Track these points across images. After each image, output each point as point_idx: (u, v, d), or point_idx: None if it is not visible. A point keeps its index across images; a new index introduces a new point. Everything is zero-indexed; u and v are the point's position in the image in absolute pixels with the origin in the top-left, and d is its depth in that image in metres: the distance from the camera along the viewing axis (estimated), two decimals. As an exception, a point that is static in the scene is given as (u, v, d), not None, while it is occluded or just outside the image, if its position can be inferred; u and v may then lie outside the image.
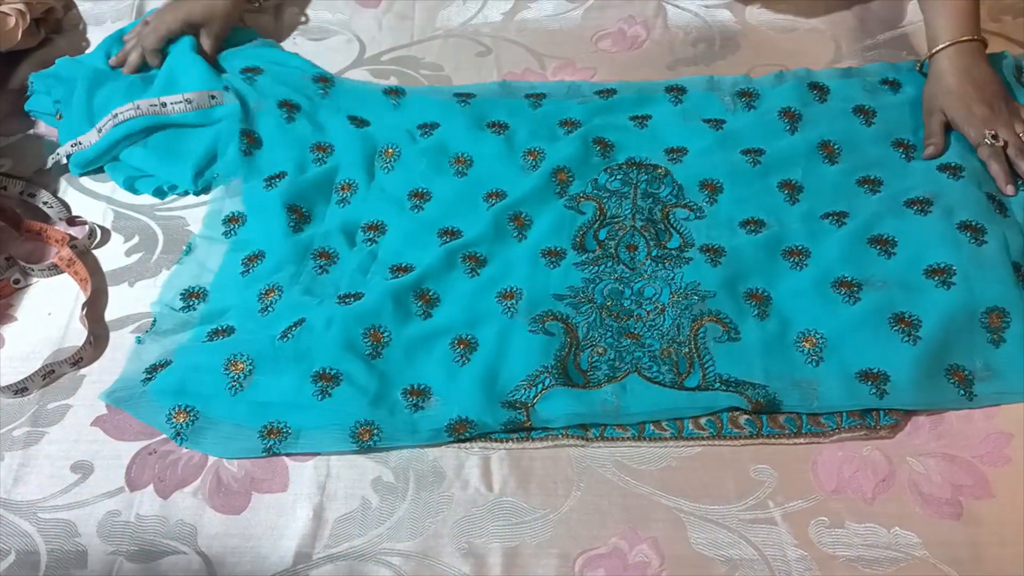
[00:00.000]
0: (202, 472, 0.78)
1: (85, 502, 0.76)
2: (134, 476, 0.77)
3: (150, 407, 0.80)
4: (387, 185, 0.99)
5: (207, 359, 0.83)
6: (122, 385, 0.83)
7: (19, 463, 0.79)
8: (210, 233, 0.96)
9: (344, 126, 1.05)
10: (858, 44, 1.12)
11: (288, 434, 0.78)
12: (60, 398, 0.83)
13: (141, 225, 0.97)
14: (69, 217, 0.97)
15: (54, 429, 0.81)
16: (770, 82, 1.06)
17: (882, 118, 1.00)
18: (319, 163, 1.01)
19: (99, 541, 0.74)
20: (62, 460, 0.79)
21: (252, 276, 0.91)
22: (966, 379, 0.78)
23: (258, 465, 0.78)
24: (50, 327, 0.89)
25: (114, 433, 0.80)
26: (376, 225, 0.95)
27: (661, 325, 0.83)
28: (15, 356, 0.87)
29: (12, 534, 0.75)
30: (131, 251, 0.95)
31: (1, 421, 0.82)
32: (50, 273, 0.93)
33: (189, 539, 0.74)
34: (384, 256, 0.92)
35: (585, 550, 0.71)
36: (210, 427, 0.79)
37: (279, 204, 0.95)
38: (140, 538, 0.74)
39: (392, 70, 1.14)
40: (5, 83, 1.14)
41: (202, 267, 0.93)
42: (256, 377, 0.81)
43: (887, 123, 1.00)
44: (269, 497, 0.76)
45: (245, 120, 1.03)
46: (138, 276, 0.93)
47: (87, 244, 0.95)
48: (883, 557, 0.69)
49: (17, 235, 0.96)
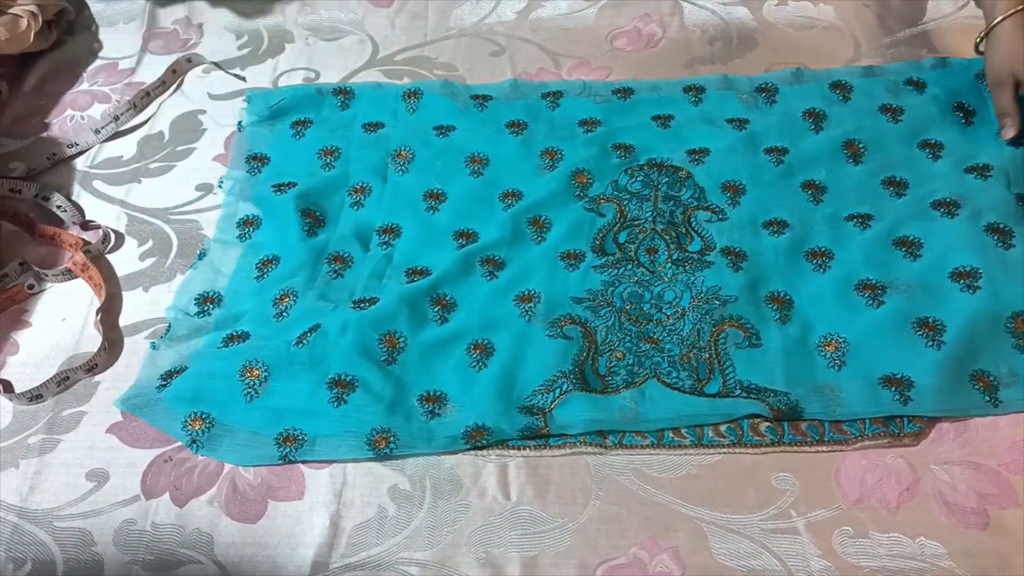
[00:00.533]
0: (218, 480, 0.77)
1: (101, 511, 0.76)
2: (150, 484, 0.77)
3: (165, 414, 0.80)
4: (401, 187, 0.98)
5: (222, 365, 0.82)
6: (137, 392, 0.82)
7: (34, 471, 0.78)
8: (224, 237, 0.95)
9: (358, 133, 1.04)
10: (878, 42, 1.11)
11: (304, 441, 0.78)
12: (75, 405, 0.83)
13: (155, 229, 0.97)
14: (83, 221, 0.97)
15: (69, 436, 0.81)
16: (788, 79, 1.05)
17: (909, 117, 0.99)
18: (328, 168, 1.00)
19: (115, 550, 0.73)
20: (77, 468, 0.78)
21: (267, 281, 0.90)
22: (991, 385, 0.76)
23: (274, 473, 0.77)
24: (64, 333, 0.89)
25: (129, 440, 0.80)
26: (391, 228, 0.94)
27: (681, 330, 0.82)
28: (29, 362, 0.86)
29: (28, 543, 0.74)
30: (145, 255, 0.95)
31: (16, 428, 0.81)
32: (64, 278, 0.92)
33: (205, 548, 0.73)
34: (399, 260, 0.91)
35: (604, 560, 0.71)
36: (226, 434, 0.79)
37: (292, 208, 0.95)
38: (156, 547, 0.73)
39: (405, 70, 1.13)
40: (18, 85, 1.13)
41: (216, 271, 0.92)
42: (271, 384, 0.81)
43: (913, 123, 0.98)
44: (285, 505, 0.75)
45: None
46: (152, 281, 0.92)
47: (101, 249, 0.94)
48: (908, 568, 0.68)
49: (31, 239, 0.96)
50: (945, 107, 0.99)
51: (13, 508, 0.76)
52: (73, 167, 1.04)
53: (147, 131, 1.07)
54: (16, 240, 0.96)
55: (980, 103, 0.99)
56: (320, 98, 1.08)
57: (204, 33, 1.21)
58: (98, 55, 1.19)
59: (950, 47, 1.09)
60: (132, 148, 1.05)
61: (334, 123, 1.06)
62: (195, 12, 1.23)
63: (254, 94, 1.09)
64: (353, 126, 1.05)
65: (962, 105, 0.99)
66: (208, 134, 1.07)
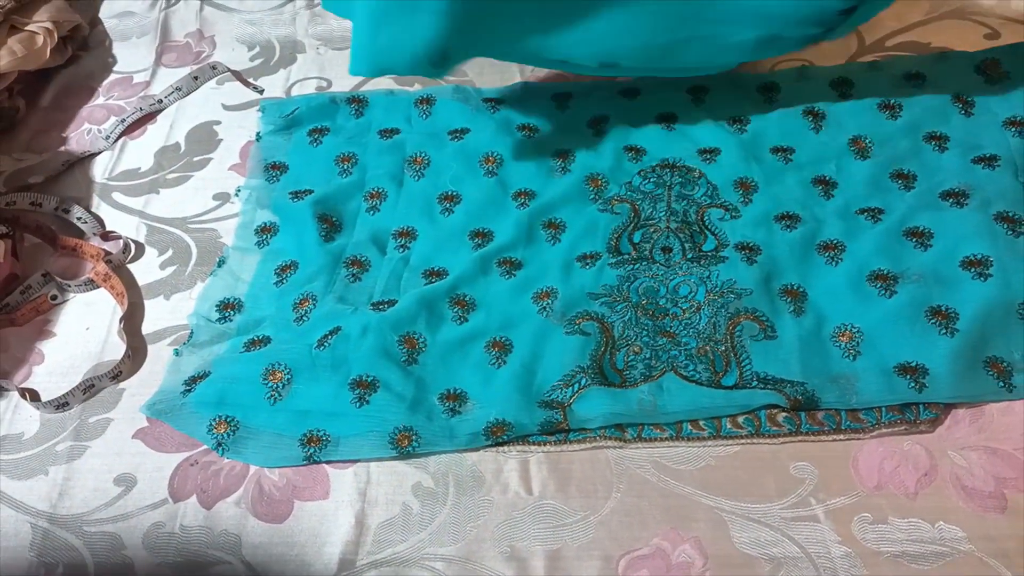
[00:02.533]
0: (244, 481, 0.78)
1: (130, 515, 0.77)
2: (177, 487, 0.78)
3: (191, 418, 0.81)
4: (417, 192, 1.00)
5: (245, 369, 0.83)
6: (162, 397, 0.83)
7: (63, 477, 0.80)
8: (243, 244, 0.97)
9: (374, 140, 1.06)
10: (880, 36, 1.12)
11: (328, 442, 0.79)
12: (101, 412, 0.84)
13: (174, 238, 0.98)
14: (103, 232, 0.98)
15: (96, 443, 0.82)
16: (793, 77, 1.06)
17: (908, 111, 1.00)
18: (345, 175, 1.02)
19: (145, 553, 0.74)
20: (105, 473, 0.80)
21: (286, 286, 0.92)
22: (1004, 371, 0.77)
23: (299, 473, 0.78)
24: (88, 342, 0.90)
25: (155, 445, 0.81)
26: (407, 231, 0.95)
27: (697, 323, 0.83)
28: (55, 371, 0.88)
29: (59, 548, 0.75)
30: (165, 264, 0.96)
31: (44, 436, 0.83)
32: (87, 288, 0.94)
33: (234, 549, 0.74)
34: (416, 262, 0.93)
35: (628, 551, 0.72)
36: (251, 437, 0.80)
37: (310, 214, 0.96)
38: (185, 549, 0.74)
39: (416, 77, 1.14)
40: (36, 101, 1.15)
41: (236, 278, 0.94)
42: (294, 386, 0.82)
43: (914, 116, 0.99)
44: (311, 505, 0.77)
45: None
46: (173, 289, 0.94)
47: (122, 259, 0.96)
48: (928, 552, 0.69)
49: (53, 251, 0.98)
50: (945, 99, 1.00)
51: (43, 514, 0.77)
52: (92, 180, 1.05)
53: (163, 142, 1.09)
54: (39, 252, 0.98)
55: (980, 94, 1.00)
56: (334, 106, 1.10)
57: (216, 45, 1.22)
58: (112, 69, 1.21)
59: (947, 42, 1.10)
60: (149, 160, 1.07)
61: (350, 130, 1.07)
62: (207, 24, 1.25)
63: (268, 104, 1.11)
64: (369, 133, 1.07)
65: (961, 97, 1.00)
66: (224, 144, 1.08)
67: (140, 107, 1.11)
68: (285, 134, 1.07)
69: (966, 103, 1.00)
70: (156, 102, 1.12)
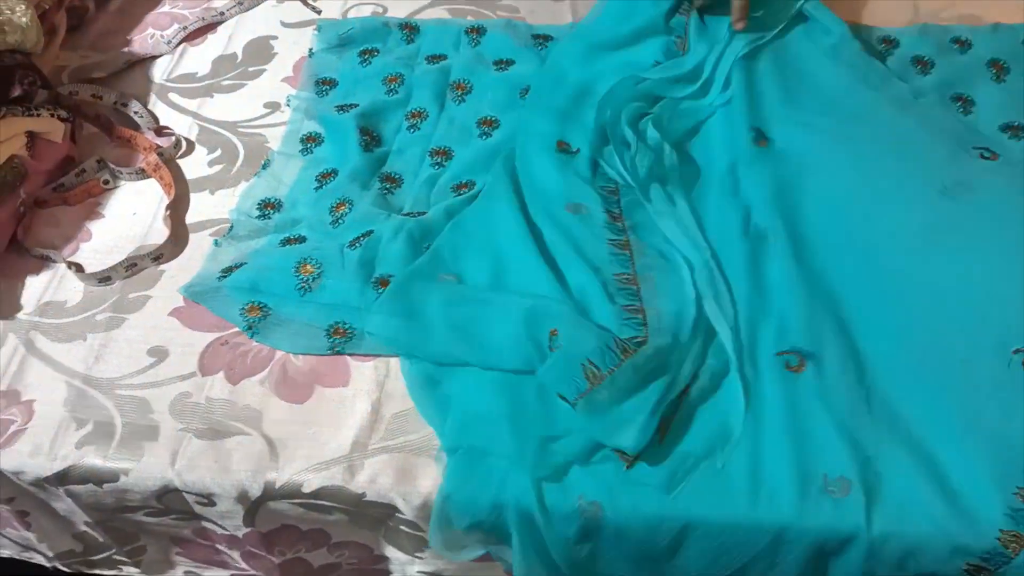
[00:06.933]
0: (269, 364, 0.81)
1: (160, 383, 0.81)
2: (206, 363, 0.82)
3: (225, 301, 0.85)
4: (457, 115, 1.02)
5: (279, 261, 0.87)
6: (199, 281, 0.87)
7: (100, 344, 0.84)
8: (287, 150, 1.00)
9: (421, 64, 1.08)
10: (934, 4, 1.12)
11: (352, 335, 0.82)
12: (141, 289, 0.88)
13: (223, 139, 1.02)
14: (157, 127, 1.02)
15: (134, 316, 0.86)
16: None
17: (940, 69, 1.01)
18: (391, 94, 1.05)
19: (170, 418, 0.78)
20: (140, 344, 0.83)
21: (324, 192, 0.95)
22: None
23: (322, 361, 0.82)
24: (134, 226, 0.94)
25: (189, 323, 0.85)
26: (444, 151, 0.98)
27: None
28: (100, 249, 0.92)
29: (91, 406, 0.79)
30: (213, 162, 1.00)
31: (86, 305, 0.87)
32: (137, 177, 0.97)
33: (254, 422, 0.78)
34: (448, 179, 0.95)
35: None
36: (280, 324, 0.83)
37: (353, 125, 0.99)
38: (209, 418, 0.78)
39: (469, 9, 1.16)
40: (105, 4, 1.19)
41: (278, 181, 0.97)
42: (324, 281, 0.85)
43: (942, 76, 1.00)
44: (331, 391, 0.80)
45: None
46: (218, 185, 0.97)
47: (173, 153, 0.99)
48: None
49: (109, 140, 1.02)
50: (981, 63, 1.01)
51: (79, 375, 0.81)
52: (151, 80, 1.09)
53: (221, 51, 1.12)
54: (95, 140, 1.02)
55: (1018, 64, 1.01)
56: (387, 30, 1.12)
57: (279, -34, 1.25)
58: (179, -21, 1.24)
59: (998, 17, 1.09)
60: (207, 66, 1.11)
61: (399, 54, 1.10)
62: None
63: (325, 24, 1.14)
64: (418, 57, 1.09)
65: (998, 63, 1.01)
66: (278, 58, 1.12)
67: (203, 17, 1.15)
68: (337, 52, 1.11)
69: (1002, 69, 1.00)
70: (218, 14, 1.16)
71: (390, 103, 1.03)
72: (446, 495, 0.72)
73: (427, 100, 1.03)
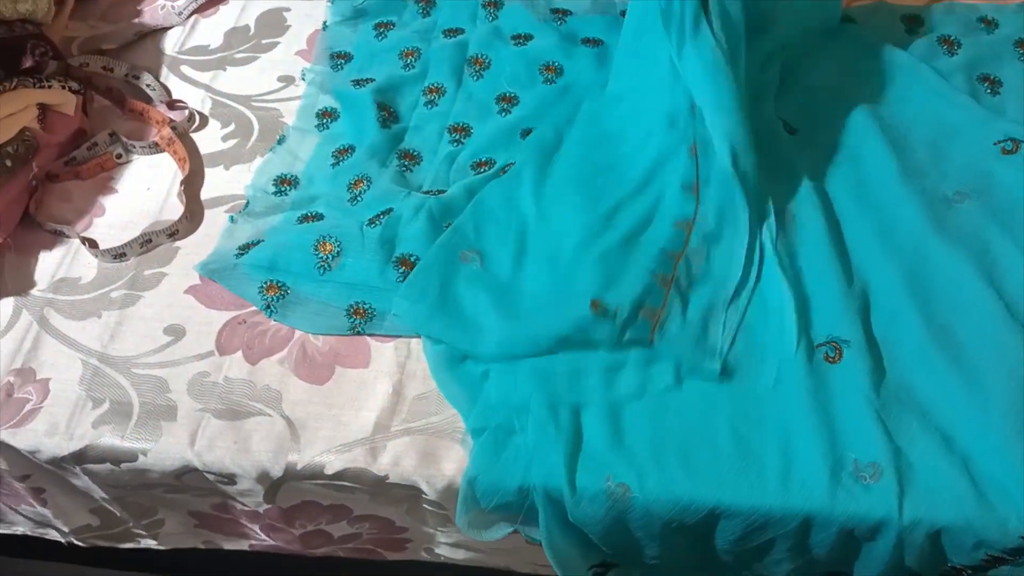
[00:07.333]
0: (288, 344, 0.80)
1: (177, 362, 0.80)
2: (224, 342, 0.81)
3: (243, 280, 0.84)
4: (475, 91, 1.00)
5: (297, 239, 0.85)
6: (216, 259, 0.86)
7: (116, 321, 0.82)
8: (303, 125, 0.98)
9: (438, 38, 1.06)
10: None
11: (373, 315, 0.81)
12: (156, 266, 0.86)
13: (237, 113, 1.00)
14: (169, 100, 1.00)
15: (149, 294, 0.84)
16: (866, 12, 1.05)
17: (967, 49, 1.00)
18: (408, 68, 1.03)
19: (188, 398, 0.77)
20: (156, 322, 0.82)
21: (341, 168, 0.93)
22: None
23: (342, 342, 0.81)
24: (148, 201, 0.92)
25: (206, 302, 0.84)
26: (462, 127, 0.96)
27: None
28: (114, 224, 0.90)
29: (108, 385, 0.78)
30: (227, 137, 0.98)
31: (101, 282, 0.85)
32: (151, 151, 0.96)
33: (274, 403, 0.77)
34: (467, 157, 0.94)
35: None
36: (299, 303, 0.82)
37: (370, 100, 0.97)
38: (228, 398, 0.77)
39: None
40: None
41: (294, 156, 0.95)
42: (343, 259, 0.83)
43: (969, 56, 0.99)
44: (352, 372, 0.79)
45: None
46: (233, 160, 0.96)
47: (186, 127, 0.97)
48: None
49: (121, 113, 1.00)
50: (1007, 43, 1.00)
51: (95, 353, 0.80)
52: (162, 52, 1.07)
53: (234, 24, 1.10)
54: (107, 113, 1.00)
55: None
56: (402, 3, 1.10)
57: (291, -63, 1.23)
58: (190, -50, 1.22)
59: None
60: (219, 39, 1.08)
61: (415, 28, 1.08)
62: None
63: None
64: (434, 31, 1.07)
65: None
66: (292, 31, 1.09)
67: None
68: (352, 24, 1.08)
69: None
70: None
71: (407, 78, 1.01)
72: (472, 477, 0.72)
73: (444, 75, 1.01)
